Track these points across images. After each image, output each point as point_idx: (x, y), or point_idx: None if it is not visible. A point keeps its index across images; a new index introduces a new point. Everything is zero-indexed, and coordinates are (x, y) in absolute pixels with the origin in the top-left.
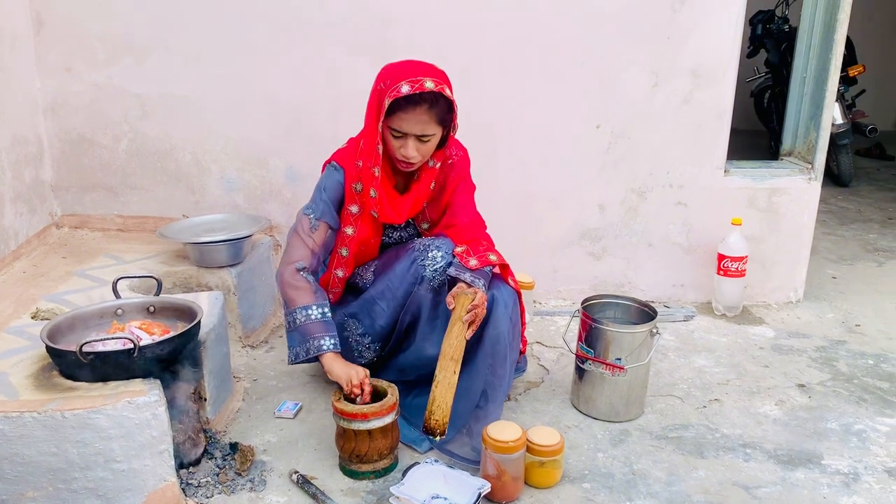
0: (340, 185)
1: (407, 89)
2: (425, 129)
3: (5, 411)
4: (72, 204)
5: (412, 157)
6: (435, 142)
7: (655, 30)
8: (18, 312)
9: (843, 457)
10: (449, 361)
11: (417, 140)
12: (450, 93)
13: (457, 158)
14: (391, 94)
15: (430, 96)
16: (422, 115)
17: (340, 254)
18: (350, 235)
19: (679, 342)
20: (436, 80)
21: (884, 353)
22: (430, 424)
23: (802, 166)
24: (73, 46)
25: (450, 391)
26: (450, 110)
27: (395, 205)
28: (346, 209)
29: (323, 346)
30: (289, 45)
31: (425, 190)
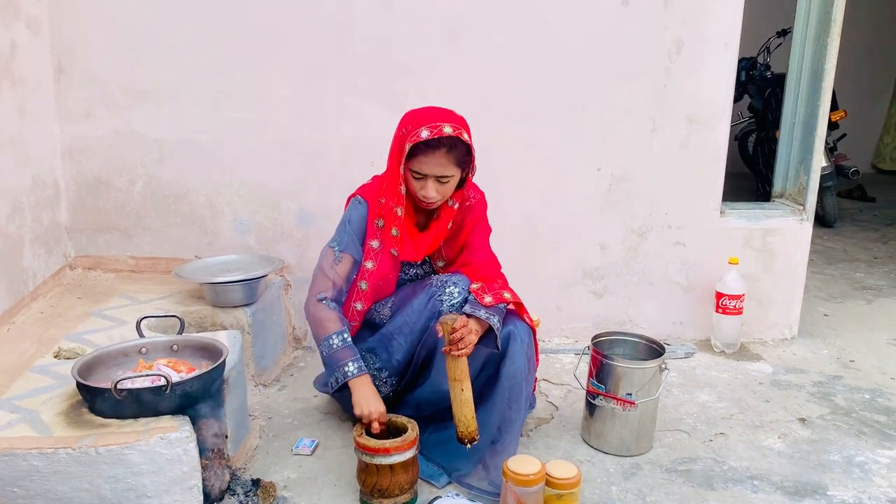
0: (364, 219)
1: (426, 134)
2: (444, 171)
3: (41, 447)
4: (85, 245)
5: (432, 198)
6: (454, 183)
7: (653, 78)
8: (41, 352)
9: (848, 487)
10: (454, 383)
11: (437, 181)
12: (467, 137)
13: (474, 201)
14: (412, 139)
15: (449, 141)
16: (440, 159)
17: (360, 287)
18: (370, 269)
19: (682, 378)
20: (454, 126)
21: (879, 388)
22: (459, 436)
23: (794, 207)
24: (93, 92)
25: (464, 406)
26: (467, 153)
27: (415, 242)
28: (368, 244)
29: (348, 373)
30: (302, 92)
31: (443, 228)
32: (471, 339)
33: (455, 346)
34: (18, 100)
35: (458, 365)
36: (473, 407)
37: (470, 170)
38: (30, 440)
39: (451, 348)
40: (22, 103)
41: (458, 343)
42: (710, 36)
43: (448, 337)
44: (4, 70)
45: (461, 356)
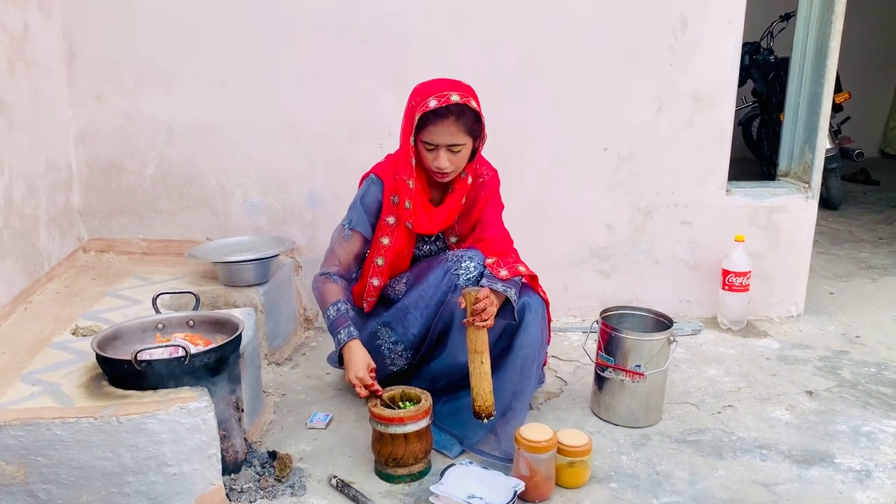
0: (378, 197)
1: (434, 104)
2: (454, 139)
3: (63, 417)
4: (98, 228)
5: (445, 168)
6: (466, 153)
7: (658, 56)
8: (59, 329)
9: (855, 456)
10: (474, 354)
11: (448, 151)
12: (476, 105)
13: (487, 178)
14: (420, 109)
15: (457, 108)
16: (450, 127)
17: (376, 263)
18: (386, 245)
19: (689, 354)
20: (461, 94)
21: (885, 362)
22: (475, 410)
23: (799, 185)
24: (104, 76)
25: (483, 378)
26: (477, 121)
27: (430, 216)
28: (384, 220)
29: (340, 341)
30: (311, 74)
31: (458, 202)
32: (492, 310)
33: (478, 317)
34: (31, 82)
35: (479, 336)
36: (491, 380)
37: (481, 139)
38: (52, 410)
39: (473, 319)
40: (35, 86)
41: (482, 314)
42: (714, 13)
43: (471, 308)
44: (18, 51)
45: (484, 327)
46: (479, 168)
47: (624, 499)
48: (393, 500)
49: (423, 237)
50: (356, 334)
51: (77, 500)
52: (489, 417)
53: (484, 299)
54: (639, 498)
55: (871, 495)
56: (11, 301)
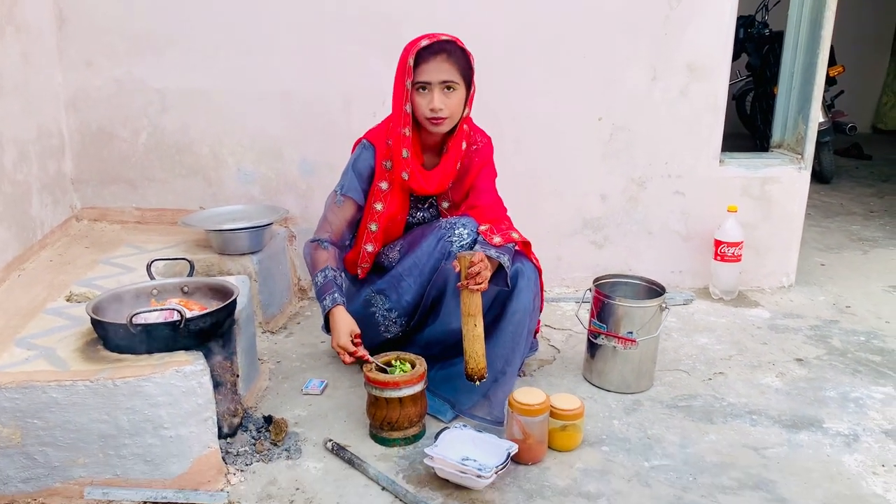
0: (370, 162)
1: (426, 42)
2: (448, 75)
3: (59, 380)
4: (91, 197)
5: (440, 110)
6: (459, 98)
7: (653, 26)
8: (53, 296)
9: (843, 421)
10: (468, 318)
11: (442, 91)
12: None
13: (482, 145)
14: (413, 51)
15: (448, 46)
16: (442, 63)
17: (370, 229)
18: (379, 211)
19: (681, 323)
20: (450, 36)
21: (874, 331)
22: (468, 372)
23: (792, 156)
24: (94, 41)
25: (476, 341)
26: (468, 65)
27: (424, 175)
28: (377, 185)
29: (325, 307)
30: (304, 41)
31: (453, 165)
32: (486, 274)
33: (472, 281)
34: (22, 46)
35: (473, 300)
36: (484, 344)
37: (472, 90)
38: (48, 373)
39: (468, 283)
40: (25, 50)
41: (476, 278)
42: None
43: (465, 272)
44: (8, 15)
45: (478, 291)
46: (473, 135)
47: (616, 461)
48: (388, 462)
49: (416, 204)
50: (340, 300)
51: (74, 462)
52: (481, 380)
53: (478, 263)
54: (630, 461)
55: (859, 458)
56: (4, 268)
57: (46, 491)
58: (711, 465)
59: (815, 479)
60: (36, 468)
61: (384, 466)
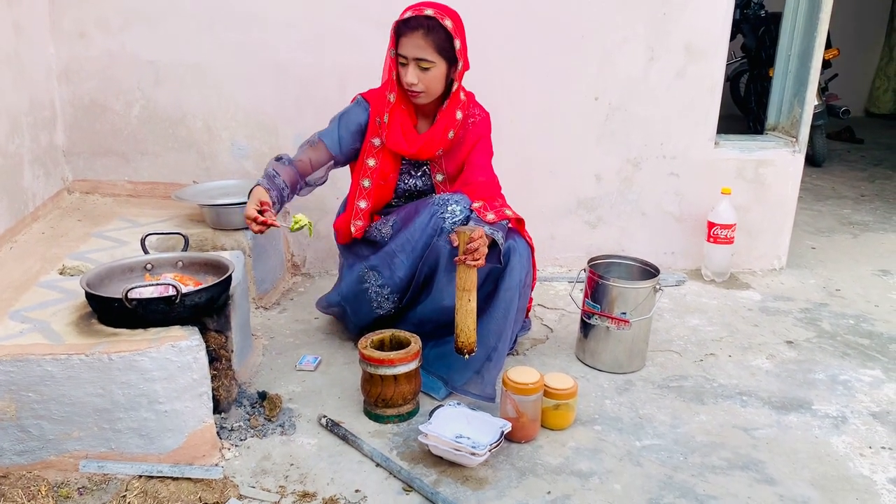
0: (361, 118)
1: (408, 14)
2: (422, 53)
3: (54, 353)
4: (83, 169)
5: (413, 84)
6: (437, 74)
7: (652, 6)
8: (46, 269)
9: (832, 403)
10: (462, 292)
11: (417, 66)
12: (450, 24)
13: (479, 118)
14: (396, 22)
15: (427, 22)
16: (418, 40)
17: (362, 185)
18: (372, 167)
19: (673, 304)
20: (437, 11)
21: (863, 314)
22: (458, 346)
23: (787, 140)
24: (87, 12)
25: (468, 316)
26: (448, 41)
27: (409, 138)
28: (369, 141)
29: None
30: (299, 15)
31: (441, 134)
32: (483, 250)
33: (470, 256)
34: (14, 16)
35: (469, 275)
36: (475, 319)
37: (457, 67)
38: (43, 346)
39: (465, 258)
40: (17, 20)
41: (474, 254)
42: None
43: (464, 247)
44: None
45: (475, 266)
46: (472, 108)
47: (607, 440)
48: (382, 439)
49: (410, 170)
50: (263, 183)
51: (69, 436)
52: (470, 353)
53: (478, 239)
54: (622, 440)
55: (846, 440)
56: None
57: (41, 464)
58: (701, 445)
59: (803, 460)
60: (31, 441)
61: (378, 443)
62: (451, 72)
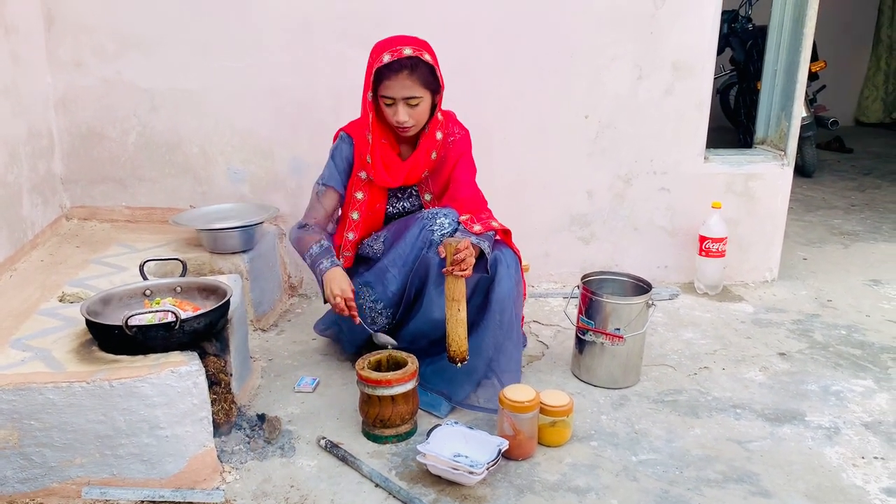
0: (348, 153)
1: (388, 58)
2: (410, 91)
3: (56, 381)
4: (81, 196)
5: (404, 122)
6: (424, 106)
7: (639, 25)
8: (45, 297)
9: (825, 414)
10: (451, 302)
11: (406, 104)
12: (429, 58)
13: (458, 136)
14: (375, 65)
15: (410, 62)
16: (404, 80)
17: (351, 217)
18: (360, 200)
19: (667, 318)
20: (414, 48)
21: (855, 325)
22: (450, 355)
23: (775, 153)
24: (83, 41)
25: (459, 325)
26: (432, 74)
27: (392, 170)
28: (356, 175)
29: (322, 270)
30: (293, 40)
31: (424, 157)
32: (471, 260)
33: (458, 267)
34: (11, 47)
35: (457, 285)
36: (466, 328)
37: (439, 93)
38: (44, 375)
39: (453, 269)
40: (15, 51)
41: (461, 264)
42: None
43: (451, 258)
44: None
45: (462, 276)
46: (451, 126)
47: (604, 456)
48: (380, 459)
49: (397, 194)
50: (339, 263)
51: (71, 463)
52: (463, 362)
53: (464, 250)
54: (618, 455)
55: (840, 450)
56: None
57: (44, 491)
58: (697, 459)
59: (797, 472)
60: (33, 468)
61: (377, 463)
62: (434, 98)
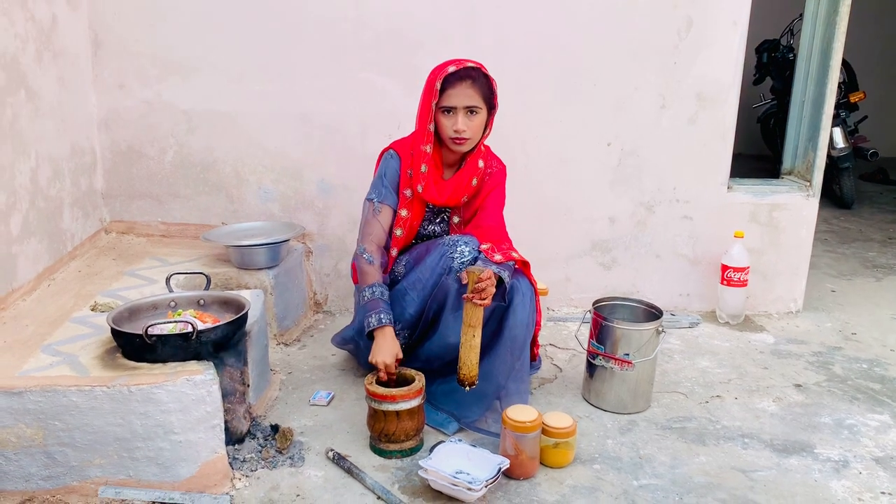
0: (397, 170)
1: (453, 68)
2: (472, 101)
3: (79, 385)
4: (119, 211)
5: (463, 131)
6: (481, 120)
7: (663, 55)
8: (79, 305)
9: (835, 447)
10: (467, 328)
11: (466, 114)
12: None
13: (496, 170)
14: (441, 75)
15: (473, 73)
16: (467, 89)
17: (395, 234)
18: (405, 217)
19: (684, 346)
20: (475, 63)
21: (877, 359)
22: (460, 378)
23: (801, 184)
24: (126, 65)
25: (472, 350)
26: (490, 90)
27: (440, 186)
28: (402, 192)
29: (371, 323)
30: (324, 67)
31: (467, 180)
32: (491, 290)
33: (478, 296)
34: (58, 71)
35: (475, 313)
36: (479, 354)
37: (493, 112)
38: (69, 379)
39: (473, 296)
40: (62, 74)
41: (481, 293)
42: (718, 15)
43: (472, 286)
44: (46, 42)
45: (482, 305)
46: (490, 160)
47: (605, 480)
48: (385, 473)
49: (431, 217)
50: (387, 321)
51: (90, 463)
52: (471, 386)
53: (486, 280)
54: (620, 479)
55: (846, 484)
56: (35, 277)
57: (64, 489)
58: (698, 486)
59: (800, 503)
60: (56, 467)
61: (381, 477)
62: (488, 117)
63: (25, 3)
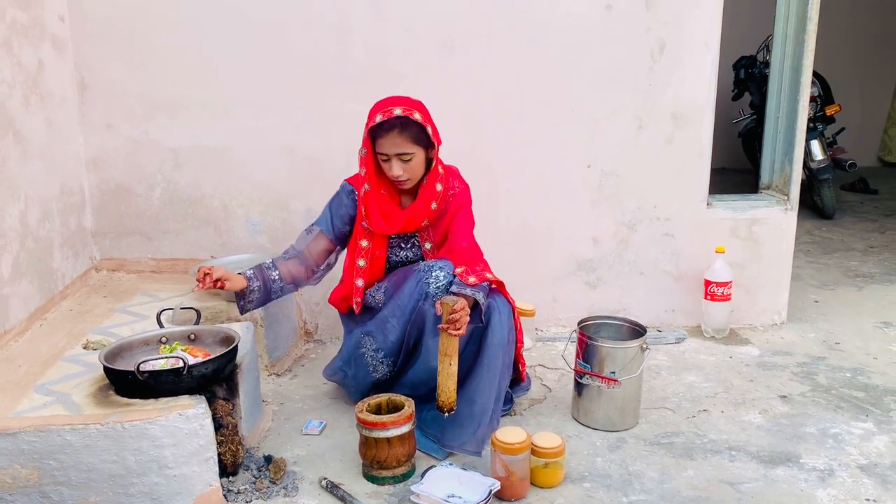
0: (349, 202)
1: (379, 118)
2: (401, 148)
3: (73, 424)
4: (109, 248)
5: (398, 175)
6: (418, 161)
7: (638, 77)
8: (71, 344)
9: (820, 456)
10: (444, 357)
11: (399, 160)
12: (419, 117)
13: (458, 190)
14: (368, 124)
15: (399, 121)
16: (395, 138)
17: (358, 265)
18: (365, 247)
19: (671, 362)
20: (404, 108)
21: (861, 367)
22: (439, 405)
23: (780, 198)
24: (113, 106)
25: (449, 378)
26: (422, 132)
27: (390, 218)
28: (360, 224)
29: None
30: (308, 100)
31: (423, 207)
32: (465, 320)
33: (452, 326)
34: (46, 113)
35: (451, 342)
36: (456, 380)
37: (433, 148)
38: (63, 418)
39: (447, 327)
40: (49, 116)
41: (455, 324)
42: (690, 37)
43: (446, 317)
44: (33, 86)
45: (457, 335)
46: (451, 181)
47: (595, 497)
48: (378, 500)
49: (400, 243)
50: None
51: (86, 501)
52: (450, 412)
53: (460, 311)
54: (609, 496)
55: (832, 493)
56: (27, 318)
57: None
58: (687, 500)
59: None
60: None
61: (374, 503)
62: (428, 153)
63: (11, 49)
